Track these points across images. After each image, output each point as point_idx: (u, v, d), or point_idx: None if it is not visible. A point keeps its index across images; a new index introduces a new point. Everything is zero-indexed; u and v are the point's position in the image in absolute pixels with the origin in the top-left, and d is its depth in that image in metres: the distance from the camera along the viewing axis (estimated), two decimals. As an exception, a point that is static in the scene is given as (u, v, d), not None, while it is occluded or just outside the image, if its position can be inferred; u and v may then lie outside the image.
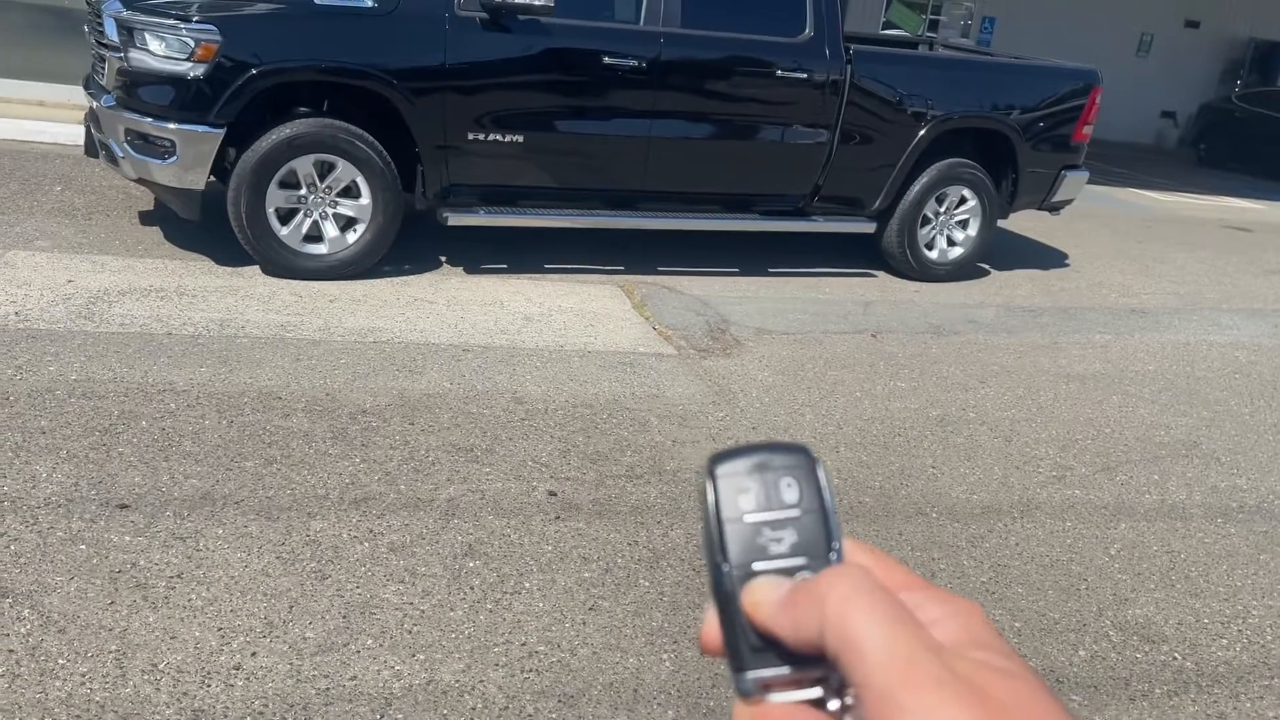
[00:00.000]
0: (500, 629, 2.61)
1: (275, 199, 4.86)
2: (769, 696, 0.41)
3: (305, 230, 4.97)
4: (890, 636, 0.37)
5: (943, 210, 6.47)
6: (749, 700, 0.41)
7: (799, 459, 0.44)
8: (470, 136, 5.11)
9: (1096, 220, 9.14)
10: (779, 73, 5.70)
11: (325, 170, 4.92)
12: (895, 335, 5.41)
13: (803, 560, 0.43)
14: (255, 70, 4.62)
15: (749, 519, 0.43)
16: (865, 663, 0.37)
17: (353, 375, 3.96)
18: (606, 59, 5.29)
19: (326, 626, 2.52)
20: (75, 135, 6.04)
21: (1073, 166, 6.79)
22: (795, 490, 0.43)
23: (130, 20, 4.64)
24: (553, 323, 4.84)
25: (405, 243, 5.36)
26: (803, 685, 0.41)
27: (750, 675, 0.41)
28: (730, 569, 0.43)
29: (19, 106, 7.43)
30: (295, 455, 3.30)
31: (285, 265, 4.95)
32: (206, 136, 4.65)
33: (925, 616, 0.40)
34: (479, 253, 5.69)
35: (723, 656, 0.43)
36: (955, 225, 6.54)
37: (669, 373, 4.44)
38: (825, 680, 0.40)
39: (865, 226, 6.36)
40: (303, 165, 4.85)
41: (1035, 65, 6.95)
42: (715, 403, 4.19)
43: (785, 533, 0.43)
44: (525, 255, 5.79)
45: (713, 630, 0.43)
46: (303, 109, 4.94)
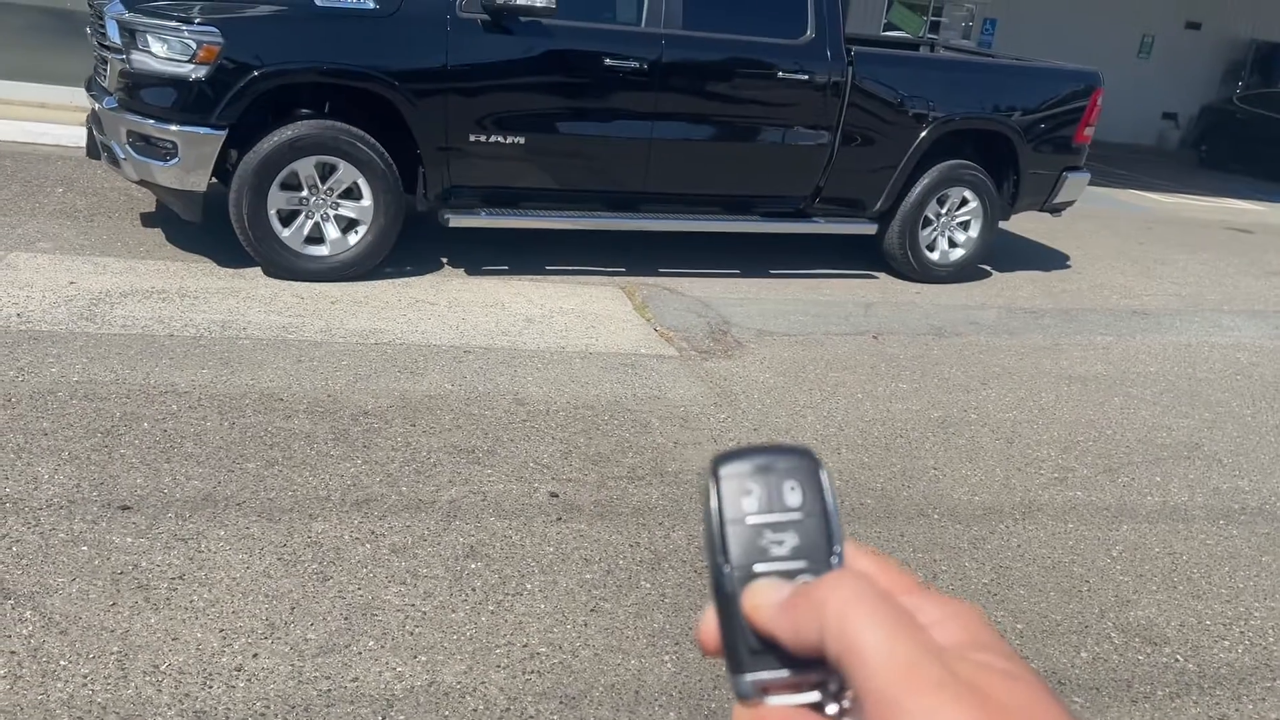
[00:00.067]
0: (502, 630, 2.61)
1: (277, 201, 4.86)
2: (767, 699, 0.41)
3: (307, 232, 4.97)
4: (891, 641, 0.37)
5: (944, 212, 6.47)
6: (747, 703, 0.41)
7: (802, 462, 0.44)
8: (472, 138, 5.12)
9: (1098, 222, 9.13)
10: (780, 74, 5.70)
11: (327, 172, 4.92)
12: (896, 337, 5.41)
13: (804, 563, 0.43)
14: (257, 72, 4.63)
15: (751, 520, 0.43)
16: (867, 667, 0.37)
17: (354, 377, 3.97)
18: (608, 61, 5.29)
19: (328, 628, 2.52)
20: (77, 137, 6.04)
21: (1074, 168, 6.79)
22: (798, 493, 0.43)
23: (132, 22, 4.64)
24: (554, 324, 4.85)
25: (407, 244, 5.36)
26: (801, 689, 0.41)
27: (748, 677, 0.41)
28: (731, 570, 0.42)
29: (21, 108, 7.44)
30: (297, 457, 3.30)
31: (287, 267, 4.95)
32: (208, 138, 4.66)
33: (925, 619, 0.40)
34: (480, 254, 5.69)
35: (720, 656, 0.43)
36: (956, 227, 6.54)
37: (670, 374, 4.44)
38: (824, 684, 0.40)
39: (866, 228, 6.36)
40: (304, 167, 4.86)
41: (1036, 67, 6.95)
42: (717, 404, 4.19)
43: (787, 535, 0.43)
44: (526, 257, 5.79)
45: (711, 628, 0.43)
46: (304, 111, 4.94)
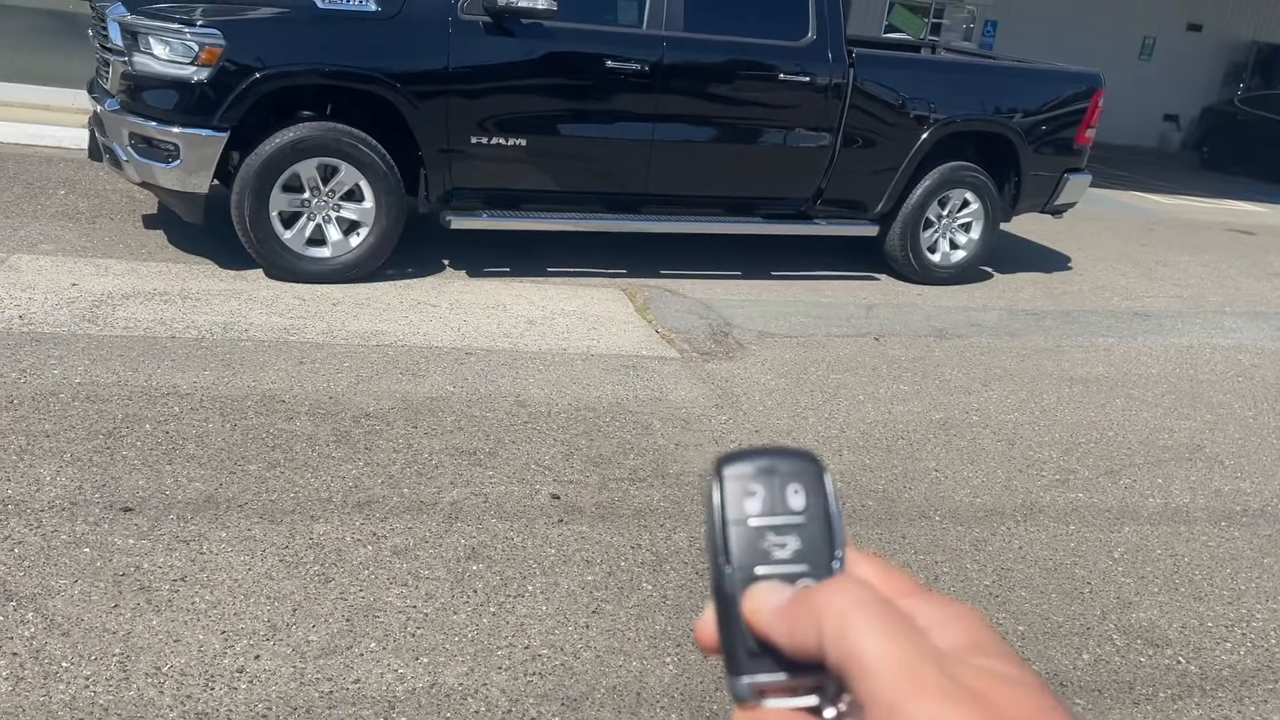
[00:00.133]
0: (503, 632, 2.61)
1: (279, 202, 4.86)
2: (764, 702, 0.41)
3: (308, 234, 4.98)
4: (892, 647, 0.38)
5: (945, 213, 6.47)
6: (744, 705, 0.41)
7: (806, 466, 0.44)
8: (473, 140, 5.12)
9: (1099, 223, 9.13)
10: (781, 76, 5.70)
11: (328, 174, 4.92)
12: (898, 338, 5.41)
13: (805, 567, 0.43)
14: (259, 74, 4.63)
15: (753, 522, 0.43)
16: (868, 674, 0.37)
17: (356, 378, 3.97)
18: (609, 63, 5.30)
19: (330, 629, 2.53)
20: (79, 139, 6.05)
21: (1075, 170, 6.79)
22: (801, 496, 0.43)
23: (134, 24, 4.65)
24: (555, 326, 4.85)
25: (408, 246, 5.36)
26: (799, 692, 0.41)
27: (746, 680, 0.41)
28: (732, 571, 0.42)
29: (23, 110, 7.45)
30: (298, 458, 3.31)
31: (288, 268, 4.95)
32: (210, 140, 4.66)
33: (925, 622, 0.40)
34: (482, 256, 5.70)
35: (718, 654, 0.43)
36: (958, 228, 6.54)
37: (672, 376, 4.44)
38: (821, 688, 0.40)
39: (868, 230, 6.36)
40: (306, 169, 4.86)
41: (1038, 69, 6.95)
42: (718, 406, 4.19)
43: (789, 538, 0.43)
44: (528, 258, 5.80)
45: (709, 627, 0.43)
46: (306, 113, 4.94)
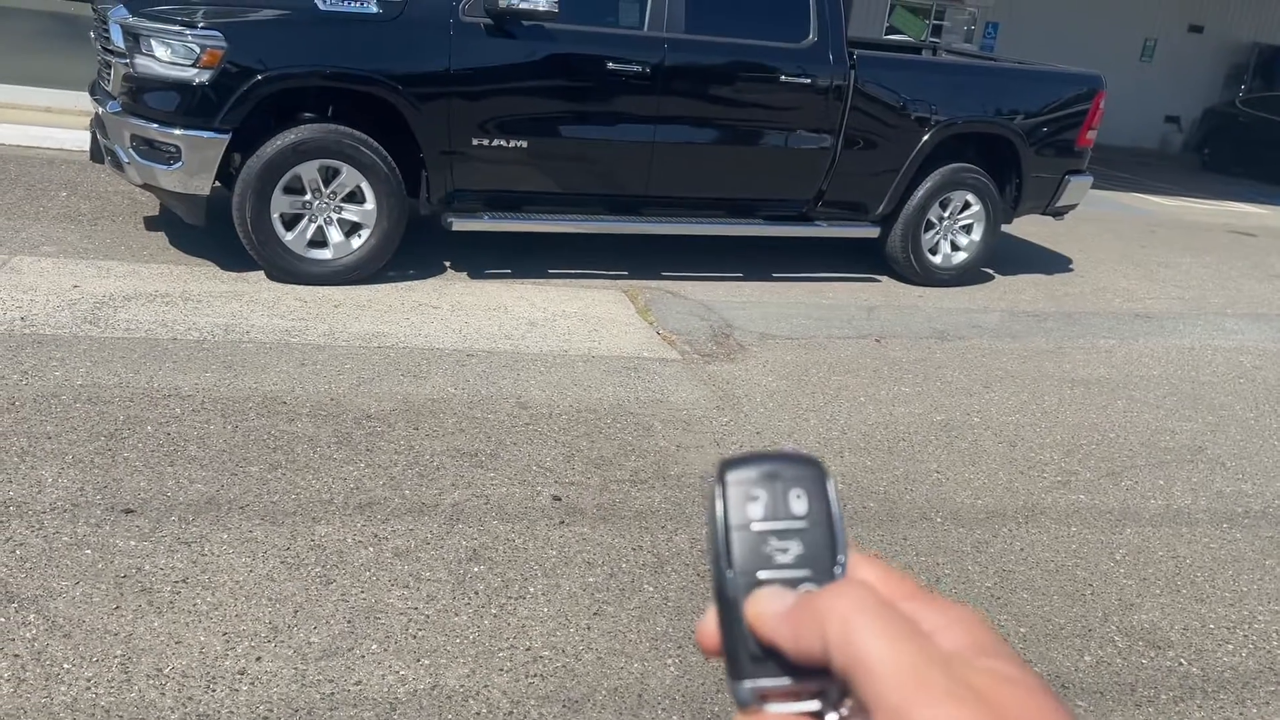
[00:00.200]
0: (505, 634, 2.61)
1: (280, 204, 4.87)
2: (767, 707, 0.41)
3: (310, 235, 4.98)
4: (896, 651, 0.38)
5: (946, 215, 6.46)
6: (746, 709, 0.41)
7: (809, 471, 0.44)
8: (475, 142, 5.12)
9: (1100, 225, 9.13)
10: (783, 78, 5.70)
11: (330, 175, 4.93)
12: (899, 340, 5.41)
13: (807, 572, 0.43)
14: (260, 76, 4.64)
15: (756, 527, 0.43)
16: (873, 678, 0.37)
17: (357, 380, 3.97)
18: (610, 64, 5.30)
19: (331, 631, 2.53)
20: (81, 141, 6.05)
21: (1077, 171, 6.79)
22: (804, 501, 0.43)
23: (136, 26, 4.66)
24: (557, 328, 4.85)
25: (409, 248, 5.36)
26: (801, 697, 0.41)
27: (748, 684, 0.41)
28: (735, 575, 0.42)
29: (25, 112, 7.45)
30: (300, 460, 3.31)
31: (290, 270, 4.96)
32: (211, 142, 4.67)
33: (927, 625, 0.40)
34: (483, 258, 5.70)
35: (719, 657, 0.43)
36: (959, 230, 6.54)
37: (673, 377, 4.44)
38: (824, 692, 0.40)
39: (869, 231, 6.36)
40: (307, 170, 4.86)
41: (1039, 70, 6.95)
42: (719, 408, 4.19)
43: (791, 543, 0.43)
44: (529, 260, 5.80)
45: (711, 629, 0.43)
46: (307, 115, 4.95)
